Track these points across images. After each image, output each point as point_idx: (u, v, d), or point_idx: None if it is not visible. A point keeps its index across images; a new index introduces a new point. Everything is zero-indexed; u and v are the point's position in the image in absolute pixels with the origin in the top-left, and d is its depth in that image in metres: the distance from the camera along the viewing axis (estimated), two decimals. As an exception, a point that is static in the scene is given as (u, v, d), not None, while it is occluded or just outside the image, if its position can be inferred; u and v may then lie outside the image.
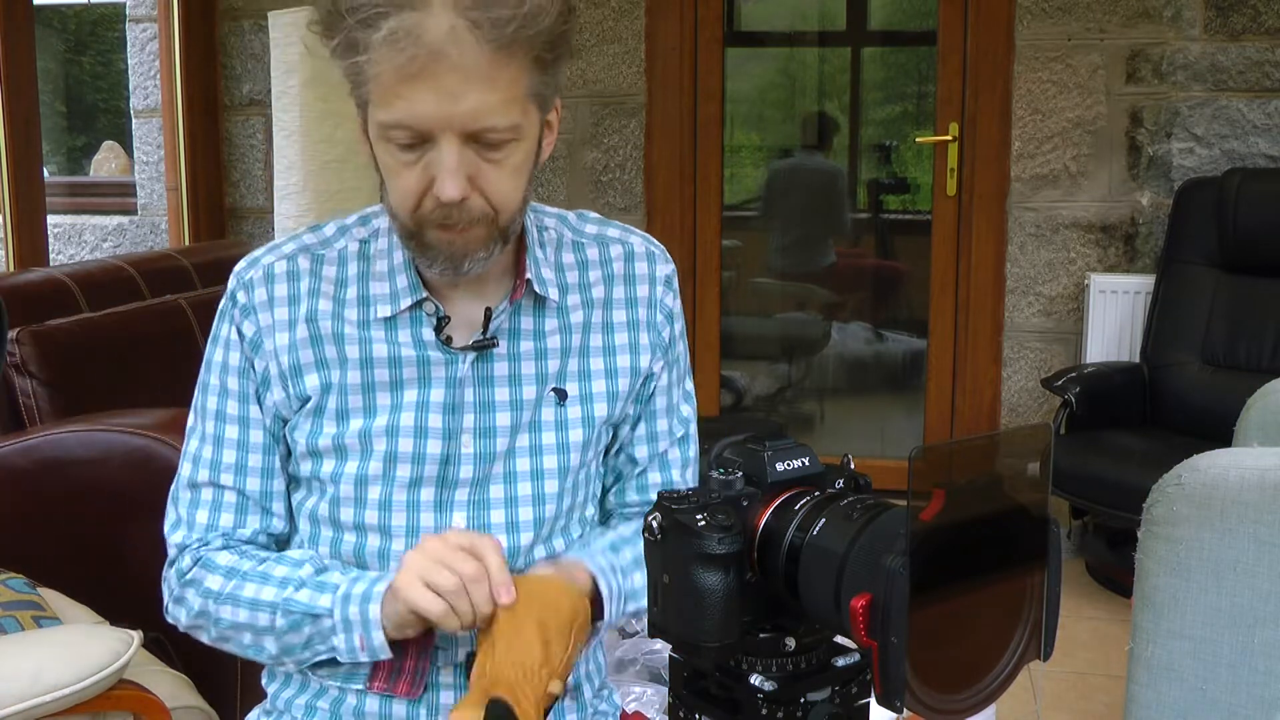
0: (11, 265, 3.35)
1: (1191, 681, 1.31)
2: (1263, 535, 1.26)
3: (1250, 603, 1.27)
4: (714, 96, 4.09)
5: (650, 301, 1.24)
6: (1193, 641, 1.30)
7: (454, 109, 1.01)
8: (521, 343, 1.19)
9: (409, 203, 1.08)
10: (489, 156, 1.05)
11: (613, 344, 1.22)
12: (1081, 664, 2.86)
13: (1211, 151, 3.68)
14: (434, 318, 1.17)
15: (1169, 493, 1.32)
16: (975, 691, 0.65)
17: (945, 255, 3.98)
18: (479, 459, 1.18)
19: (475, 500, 1.19)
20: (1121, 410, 3.43)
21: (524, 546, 1.19)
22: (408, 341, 1.17)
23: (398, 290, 1.16)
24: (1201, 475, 1.30)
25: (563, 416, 1.20)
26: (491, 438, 1.18)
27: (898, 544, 0.63)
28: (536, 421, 1.20)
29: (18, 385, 2.21)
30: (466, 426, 1.17)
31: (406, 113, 1.02)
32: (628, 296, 1.23)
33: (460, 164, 1.04)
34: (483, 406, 1.18)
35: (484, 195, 1.07)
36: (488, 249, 1.10)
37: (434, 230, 1.08)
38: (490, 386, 1.18)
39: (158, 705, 1.42)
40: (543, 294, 1.18)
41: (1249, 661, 1.28)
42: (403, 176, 1.06)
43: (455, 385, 1.17)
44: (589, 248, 1.24)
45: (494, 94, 1.02)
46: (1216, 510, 1.28)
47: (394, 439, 1.17)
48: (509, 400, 1.18)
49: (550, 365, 1.20)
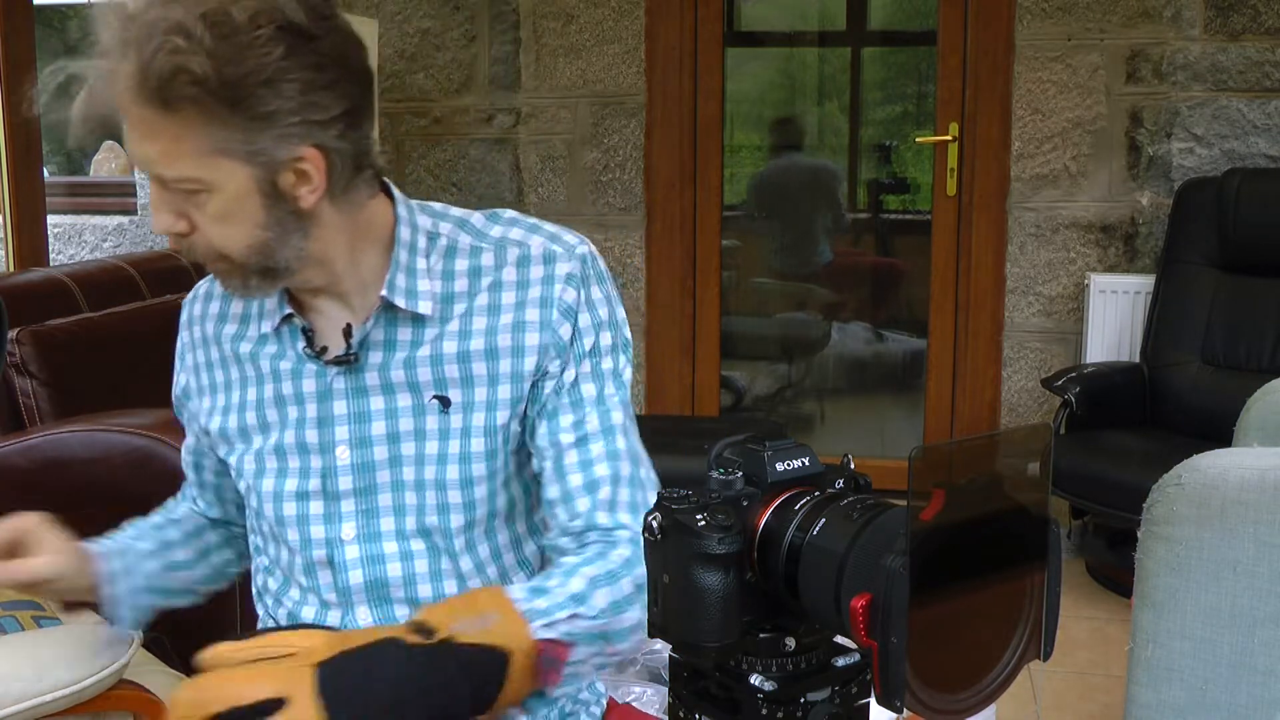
0: (11, 265, 3.35)
1: (1191, 681, 1.31)
2: (1263, 535, 1.26)
3: (1250, 603, 1.27)
4: (714, 96, 4.09)
5: (543, 300, 1.19)
6: (1193, 641, 1.30)
7: (134, 152, 1.09)
8: (397, 352, 1.19)
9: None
10: (188, 201, 1.09)
11: (495, 347, 1.18)
12: (1081, 664, 2.86)
13: (1211, 151, 3.68)
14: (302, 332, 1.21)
15: (1169, 493, 1.32)
16: (975, 691, 0.65)
17: (945, 255, 3.98)
18: (357, 470, 1.20)
19: (363, 510, 1.21)
20: (1121, 410, 3.43)
21: (416, 552, 1.20)
22: (284, 355, 1.22)
23: (265, 309, 1.23)
24: (1201, 475, 1.30)
25: (446, 425, 1.19)
26: (368, 448, 1.20)
27: (898, 544, 0.63)
28: (420, 430, 1.19)
29: (18, 385, 2.21)
30: (341, 439, 1.20)
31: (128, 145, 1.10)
32: (517, 300, 1.19)
33: (160, 201, 1.10)
34: (357, 418, 1.20)
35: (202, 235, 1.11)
36: (239, 280, 1.14)
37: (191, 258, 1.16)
38: (364, 397, 1.20)
39: (158, 705, 1.42)
40: (410, 308, 1.17)
41: (1249, 661, 1.28)
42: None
43: (327, 398, 1.20)
44: (485, 253, 1.21)
45: (152, 145, 1.06)
46: (1216, 510, 1.28)
47: (281, 456, 1.22)
48: (384, 409, 1.19)
49: (421, 374, 1.19)
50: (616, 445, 1.19)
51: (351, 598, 1.21)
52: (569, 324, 1.19)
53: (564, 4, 4.09)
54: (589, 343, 1.20)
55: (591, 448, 1.18)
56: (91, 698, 1.33)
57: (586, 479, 1.17)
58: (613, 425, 1.19)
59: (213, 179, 1.07)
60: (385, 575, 1.20)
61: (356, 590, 1.21)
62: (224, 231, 1.10)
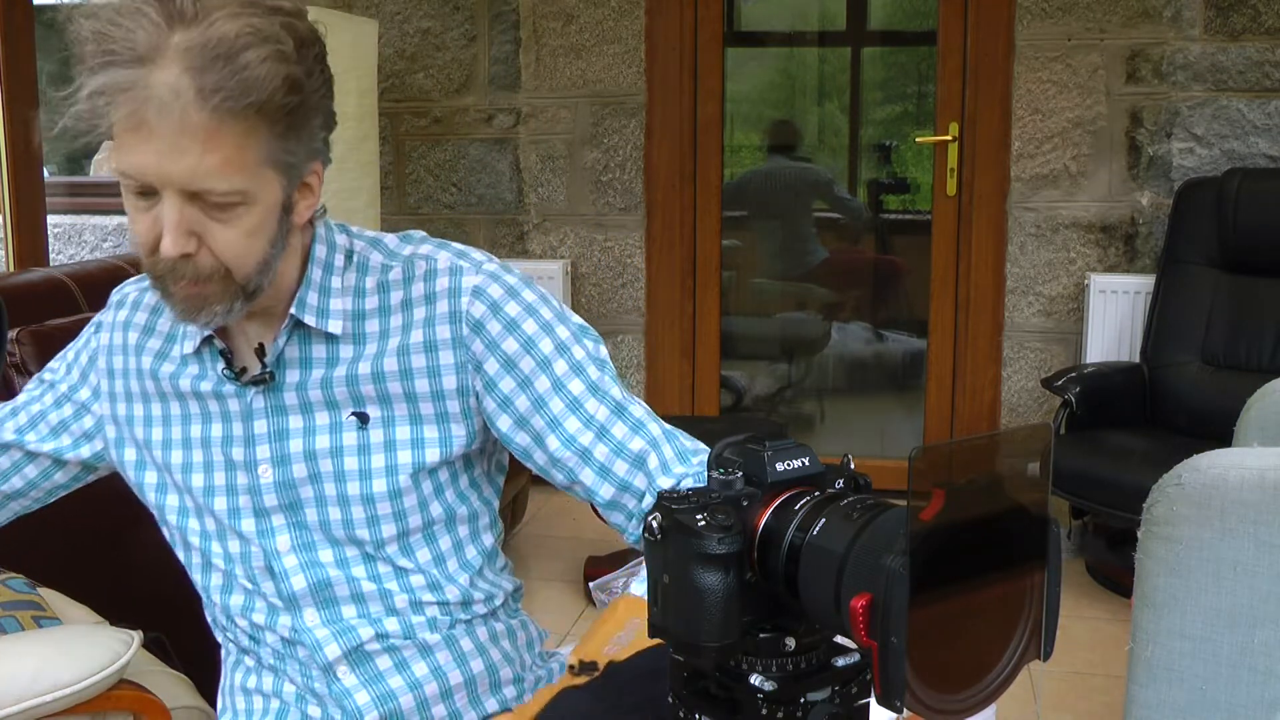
0: (11, 265, 3.35)
1: (1191, 681, 1.31)
2: (1263, 535, 1.26)
3: (1250, 603, 1.27)
4: (714, 96, 4.09)
5: (452, 315, 1.17)
6: (1193, 641, 1.30)
7: (171, 167, 1.01)
8: (313, 371, 1.20)
9: (145, 251, 1.09)
10: (215, 216, 1.06)
11: (409, 367, 1.18)
12: (1081, 664, 2.86)
13: (1211, 151, 3.68)
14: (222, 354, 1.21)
15: (1169, 493, 1.32)
16: (975, 691, 0.65)
17: (945, 255, 3.98)
18: (280, 487, 1.21)
19: (293, 523, 1.22)
20: (1121, 410, 3.43)
21: (351, 558, 1.22)
22: (205, 376, 1.22)
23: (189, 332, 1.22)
24: (1201, 475, 1.30)
25: (366, 440, 1.20)
26: (288, 465, 1.21)
27: (898, 544, 0.63)
28: (339, 447, 1.20)
29: (18, 385, 2.21)
30: (263, 457, 1.21)
31: (130, 163, 1.03)
32: (427, 316, 1.18)
33: (181, 221, 1.04)
34: (277, 435, 1.21)
35: (213, 253, 1.07)
36: (226, 304, 1.11)
37: (170, 281, 1.09)
38: (283, 415, 1.21)
39: (158, 705, 1.42)
40: (318, 326, 1.18)
41: (1249, 661, 1.28)
42: (137, 223, 1.08)
43: (249, 418, 1.21)
44: (393, 270, 1.20)
45: (213, 156, 1.01)
46: (1216, 510, 1.28)
47: (209, 474, 1.23)
48: (302, 428, 1.20)
49: (338, 393, 1.19)
50: (635, 417, 1.18)
51: (297, 602, 1.23)
52: (478, 338, 1.17)
53: (564, 4, 4.09)
54: (546, 348, 1.17)
55: (614, 432, 1.17)
56: (91, 698, 1.32)
57: (630, 460, 1.16)
58: (620, 403, 1.18)
59: (257, 191, 1.06)
60: (327, 577, 1.22)
61: (301, 595, 1.23)
62: (245, 247, 1.08)
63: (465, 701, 1.26)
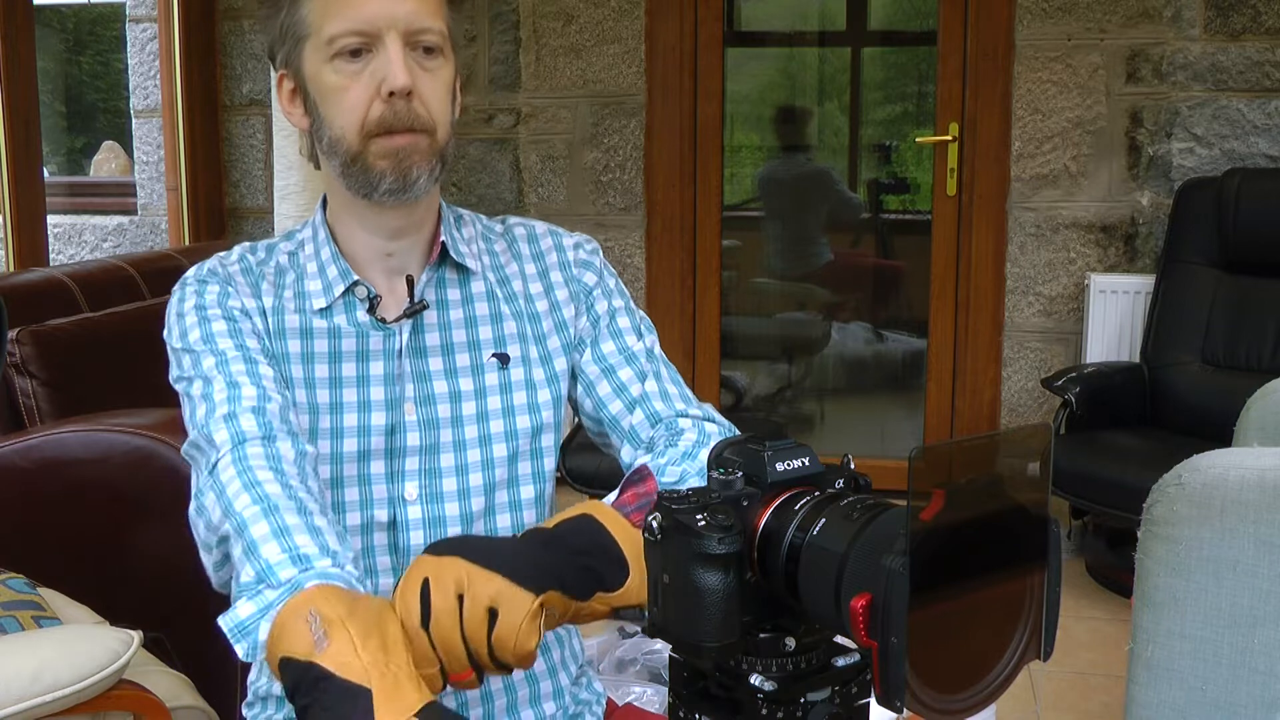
0: (11, 265, 3.35)
1: (1191, 681, 1.31)
2: (1263, 535, 1.26)
3: (1250, 603, 1.27)
4: (714, 96, 4.09)
5: (561, 264, 1.31)
6: (1193, 641, 1.30)
7: (396, 9, 1.14)
8: (450, 311, 1.25)
9: (357, 114, 1.15)
10: (425, 64, 1.17)
11: (535, 311, 1.28)
12: (1081, 664, 2.86)
13: (1211, 151, 3.68)
14: (366, 300, 1.22)
15: (1169, 493, 1.32)
16: (975, 691, 0.65)
17: (945, 255, 3.98)
18: (424, 425, 1.21)
19: (426, 469, 1.21)
20: (1121, 410, 3.43)
21: (476, 512, 1.22)
22: (344, 326, 1.22)
23: (329, 282, 1.22)
24: (1201, 475, 1.30)
25: (506, 380, 1.25)
26: (432, 405, 1.22)
27: (898, 544, 0.63)
28: (481, 388, 1.24)
29: (18, 385, 2.21)
30: (408, 395, 1.21)
31: (355, 17, 1.13)
32: (539, 270, 1.30)
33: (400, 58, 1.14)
34: (420, 376, 1.22)
35: (423, 102, 1.16)
36: (430, 165, 1.18)
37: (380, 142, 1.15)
38: (424, 357, 1.23)
39: (158, 705, 1.42)
40: (459, 260, 1.25)
41: (1249, 661, 1.28)
42: (350, 90, 1.15)
43: (392, 357, 1.22)
44: (496, 240, 1.32)
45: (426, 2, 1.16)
46: (1216, 510, 1.28)
47: (339, 415, 1.20)
48: (443, 369, 1.23)
49: (481, 332, 1.25)
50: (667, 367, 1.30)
51: (409, 557, 1.18)
52: (590, 272, 1.31)
53: (564, 4, 4.09)
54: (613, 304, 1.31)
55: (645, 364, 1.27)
56: (91, 698, 1.33)
57: (656, 389, 1.26)
58: (655, 354, 1.30)
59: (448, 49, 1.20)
60: (446, 533, 1.21)
61: (415, 550, 1.19)
62: (444, 102, 1.19)
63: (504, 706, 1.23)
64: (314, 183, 3.43)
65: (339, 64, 1.15)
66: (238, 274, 1.24)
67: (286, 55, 1.20)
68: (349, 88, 1.15)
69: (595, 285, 1.31)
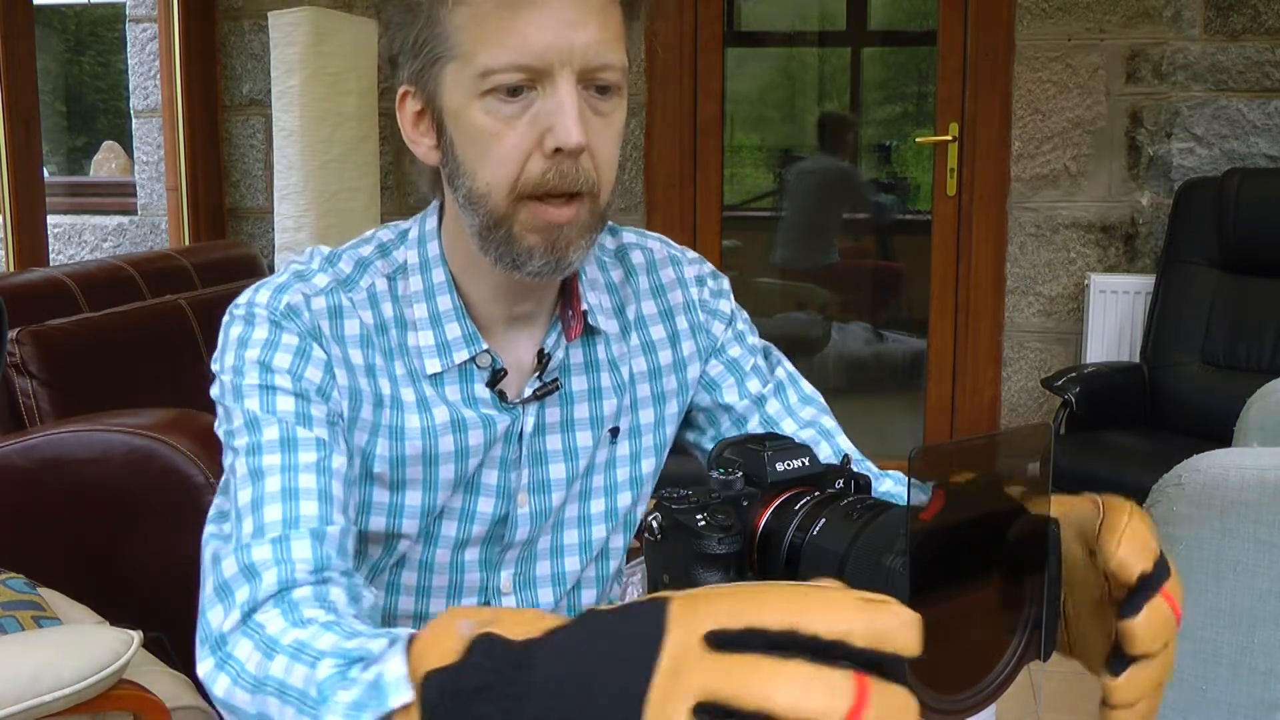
0: (11, 265, 3.35)
1: (1191, 681, 1.31)
2: (1263, 535, 1.26)
3: (1250, 603, 1.27)
4: (714, 96, 4.09)
5: (687, 305, 1.11)
6: (1193, 641, 1.30)
7: (574, 38, 0.89)
8: (574, 380, 1.05)
9: (510, 169, 0.91)
10: (599, 107, 0.93)
11: (658, 366, 1.09)
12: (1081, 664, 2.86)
13: (1211, 151, 3.68)
14: (488, 370, 1.02)
15: (1169, 493, 1.32)
16: (975, 691, 0.65)
17: (945, 255, 3.98)
18: (535, 517, 1.05)
19: (523, 556, 1.07)
20: (1121, 410, 3.43)
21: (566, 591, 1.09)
22: (459, 400, 1.01)
23: (447, 341, 1.00)
24: (1201, 475, 1.30)
25: (613, 455, 1.08)
26: (547, 493, 1.05)
27: (898, 544, 0.63)
28: (591, 466, 1.08)
29: (18, 385, 2.21)
30: (522, 483, 1.04)
31: (520, 48, 0.88)
32: (660, 310, 1.10)
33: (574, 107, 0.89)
34: (535, 459, 1.05)
35: (592, 156, 0.92)
36: (587, 236, 0.94)
37: (534, 210, 0.92)
38: (543, 434, 1.05)
39: (158, 705, 1.42)
40: (595, 325, 1.04)
41: (1249, 661, 1.28)
42: (506, 137, 0.90)
43: (513, 441, 1.03)
44: (613, 268, 1.09)
45: (607, 30, 0.92)
46: (1216, 510, 1.28)
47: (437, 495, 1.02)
48: (562, 449, 1.05)
49: (606, 406, 1.06)
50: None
51: None
52: (718, 321, 1.14)
53: (564, 4, 4.09)
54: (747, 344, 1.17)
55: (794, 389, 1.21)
56: (91, 698, 1.33)
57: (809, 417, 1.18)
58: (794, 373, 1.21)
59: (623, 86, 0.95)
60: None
61: None
62: (614, 154, 0.95)
63: None
64: (314, 182, 3.43)
65: (492, 103, 0.90)
66: (323, 316, 0.98)
67: (418, 72, 0.96)
68: (502, 135, 0.91)
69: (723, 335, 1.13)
